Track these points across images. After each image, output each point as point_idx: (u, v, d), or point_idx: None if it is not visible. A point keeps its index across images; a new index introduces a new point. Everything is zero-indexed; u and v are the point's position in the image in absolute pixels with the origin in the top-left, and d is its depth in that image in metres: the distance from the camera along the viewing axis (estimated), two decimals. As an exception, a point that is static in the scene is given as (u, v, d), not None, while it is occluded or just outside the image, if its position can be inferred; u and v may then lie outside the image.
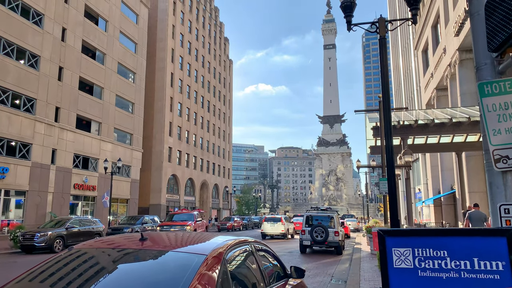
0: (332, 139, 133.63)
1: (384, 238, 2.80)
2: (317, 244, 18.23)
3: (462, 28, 21.96)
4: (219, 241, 3.34)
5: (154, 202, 47.00)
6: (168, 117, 50.12)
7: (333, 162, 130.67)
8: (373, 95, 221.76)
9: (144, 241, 3.23)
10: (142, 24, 44.88)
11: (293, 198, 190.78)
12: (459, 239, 2.67)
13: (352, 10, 7.11)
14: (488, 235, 2.55)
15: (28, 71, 28.83)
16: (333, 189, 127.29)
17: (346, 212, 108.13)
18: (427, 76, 33.39)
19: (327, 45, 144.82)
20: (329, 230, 17.97)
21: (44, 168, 29.86)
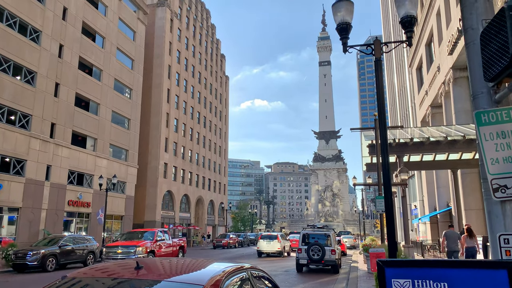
0: (328, 154, 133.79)
1: (384, 269, 2.77)
2: (314, 263, 18.07)
3: (455, 46, 22.26)
4: (216, 269, 3.29)
5: (149, 219, 46.56)
6: (164, 133, 50.08)
7: (329, 178, 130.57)
8: (368, 111, 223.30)
9: (139, 270, 3.17)
10: (139, 40, 45.19)
11: (289, 214, 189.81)
12: (459, 271, 2.64)
13: (347, 32, 7.19)
14: (488, 267, 2.52)
15: (24, 87, 28.81)
16: (329, 205, 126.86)
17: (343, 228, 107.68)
18: (422, 94, 33.69)
19: (322, 62, 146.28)
20: (325, 249, 17.82)
21: (38, 185, 29.59)
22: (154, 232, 21.86)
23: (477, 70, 3.18)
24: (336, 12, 7.24)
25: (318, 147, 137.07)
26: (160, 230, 22.74)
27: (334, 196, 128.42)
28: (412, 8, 7.16)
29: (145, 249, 19.43)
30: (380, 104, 7.47)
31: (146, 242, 20.18)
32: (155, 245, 20.59)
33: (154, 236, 21.13)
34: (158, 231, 22.25)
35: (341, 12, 7.18)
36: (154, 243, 20.57)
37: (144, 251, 19.25)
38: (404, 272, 2.73)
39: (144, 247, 19.48)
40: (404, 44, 8.89)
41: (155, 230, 22.25)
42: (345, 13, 7.16)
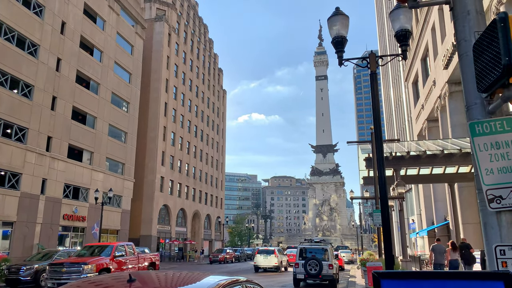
0: (325, 168, 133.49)
1: (380, 280, 2.72)
2: (311, 278, 17.85)
3: (450, 61, 22.48)
4: (211, 282, 3.24)
5: (145, 233, 46.16)
6: (161, 146, 50.01)
7: (327, 192, 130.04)
8: (365, 125, 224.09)
9: (132, 282, 3.12)
10: (137, 54, 45.44)
11: (286, 228, 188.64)
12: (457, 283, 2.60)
13: (343, 46, 7.25)
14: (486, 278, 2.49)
15: (21, 100, 28.81)
16: (326, 219, 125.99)
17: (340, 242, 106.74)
18: (418, 108, 33.88)
19: (319, 76, 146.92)
20: (323, 263, 17.65)
21: (33, 198, 29.35)
22: (112, 246, 18.45)
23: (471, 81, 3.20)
24: (331, 26, 7.32)
25: (316, 161, 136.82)
26: (120, 244, 19.44)
27: (332, 210, 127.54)
28: (407, 22, 7.25)
29: (96, 267, 16.31)
30: (376, 117, 7.50)
31: (99, 259, 17.12)
32: (112, 261, 17.43)
33: (112, 251, 17.85)
34: (118, 245, 18.97)
35: (337, 26, 7.25)
36: (111, 259, 17.43)
37: (94, 269, 16.15)
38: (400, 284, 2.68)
39: (94, 265, 16.35)
40: (400, 58, 9.02)
41: (114, 244, 18.87)
42: (340, 27, 7.23)
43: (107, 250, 18.12)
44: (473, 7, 3.23)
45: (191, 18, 64.58)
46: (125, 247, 19.12)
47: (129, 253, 19.03)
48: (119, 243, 20.24)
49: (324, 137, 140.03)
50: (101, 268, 16.61)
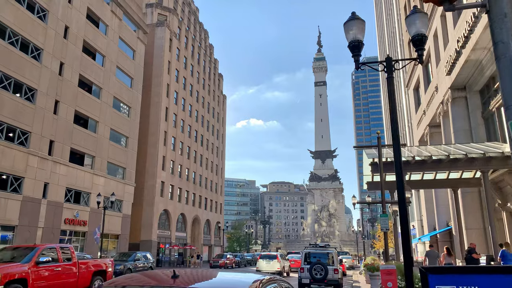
0: (324, 174, 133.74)
1: (427, 275, 2.78)
2: (316, 283, 17.85)
3: (454, 67, 22.61)
4: (253, 278, 3.28)
5: (145, 238, 45.99)
6: (162, 151, 49.99)
7: (326, 197, 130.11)
8: (363, 131, 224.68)
9: (176, 279, 3.15)
10: (139, 59, 45.56)
11: (284, 234, 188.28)
12: (497, 277, 2.66)
13: (360, 50, 7.33)
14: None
15: (24, 104, 28.81)
16: (325, 225, 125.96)
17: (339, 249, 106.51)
18: (420, 114, 34.03)
19: (318, 82, 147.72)
20: (328, 268, 17.67)
21: (35, 202, 29.27)
22: (37, 249, 13.96)
23: (508, 82, 3.26)
24: (348, 30, 7.40)
25: (314, 167, 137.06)
26: (50, 246, 14.96)
27: (331, 216, 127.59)
28: (423, 26, 7.34)
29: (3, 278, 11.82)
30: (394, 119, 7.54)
31: (12, 266, 12.67)
32: (32, 270, 12.95)
33: (34, 256, 13.42)
34: (46, 247, 14.46)
35: (353, 30, 7.34)
36: (32, 267, 13.01)
37: None
38: (448, 278, 2.74)
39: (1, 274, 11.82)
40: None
41: (40, 247, 14.34)
42: (356, 31, 7.31)
43: (30, 254, 13.54)
44: (510, 10, 3.31)
45: (192, 23, 64.85)
46: (58, 250, 14.70)
47: (64, 259, 14.75)
48: (47, 245, 15.41)
49: (323, 142, 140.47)
50: (10, 280, 12.09)
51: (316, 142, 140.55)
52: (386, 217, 14.91)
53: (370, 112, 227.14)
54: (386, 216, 14.92)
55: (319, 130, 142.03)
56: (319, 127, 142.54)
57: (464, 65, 21.00)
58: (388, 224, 14.93)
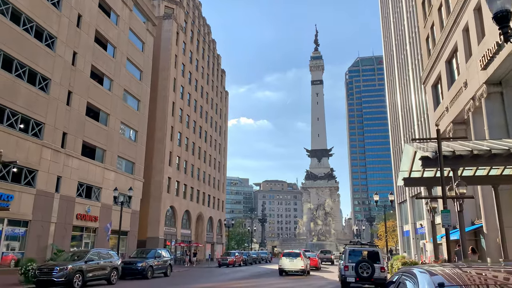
0: (320, 173, 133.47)
1: None
2: (363, 281, 17.15)
3: (491, 62, 22.07)
4: None
5: (152, 235, 44.90)
6: (169, 146, 48.89)
7: (321, 196, 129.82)
8: (356, 130, 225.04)
9: None
10: (148, 52, 44.40)
11: (277, 232, 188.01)
12: None
13: (508, 20, 6.58)
14: None
15: (38, 94, 27.61)
16: (321, 224, 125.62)
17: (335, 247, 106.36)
18: (440, 111, 33.49)
19: (315, 81, 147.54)
20: (375, 266, 16.96)
21: (48, 197, 28.08)
22: None
23: None
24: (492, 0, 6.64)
25: (310, 165, 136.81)
26: None
27: (326, 215, 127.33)
28: (507, 2, 6.62)
29: None
30: None
31: None
32: None
33: None
34: None
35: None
36: None
37: None
38: None
39: None
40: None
41: None
42: (504, 0, 6.56)
43: None
44: None
45: (196, 17, 63.72)
46: None
47: None
48: None
49: (319, 141, 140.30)
50: None
51: (313, 141, 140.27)
52: (448, 213, 14.26)
53: (364, 112, 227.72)
54: (448, 212, 14.27)
55: (316, 129, 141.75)
56: (316, 126, 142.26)
57: (506, 58, 20.46)
58: (450, 220, 14.28)
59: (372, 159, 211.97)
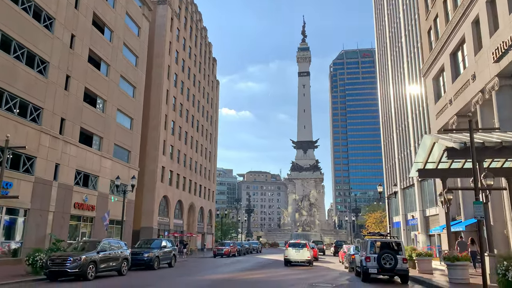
0: (306, 164, 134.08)
1: None
2: (385, 272, 16.99)
3: (506, 54, 22.10)
4: None
5: (145, 225, 44.08)
6: (163, 135, 47.90)
7: (307, 187, 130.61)
8: (339, 123, 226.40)
9: None
10: (143, 37, 43.15)
11: (261, 223, 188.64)
12: None
13: None
14: None
15: (37, 77, 26.39)
16: (306, 215, 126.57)
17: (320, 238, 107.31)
18: (442, 103, 33.65)
19: (302, 72, 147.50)
20: (397, 257, 16.83)
21: (47, 184, 27.01)
22: None
23: None
24: None
25: (296, 157, 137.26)
26: None
27: (311, 206, 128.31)
28: None
29: None
30: None
31: None
32: None
33: None
34: None
35: None
36: None
37: None
38: None
39: None
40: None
41: None
42: None
43: None
44: None
45: (189, 3, 62.31)
46: None
47: None
48: None
49: (305, 133, 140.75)
50: None
51: (299, 133, 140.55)
52: (481, 204, 14.17)
53: (347, 104, 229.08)
54: (480, 204, 14.18)
55: (302, 120, 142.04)
56: (302, 118, 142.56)
57: (523, 51, 20.48)
58: (482, 211, 14.19)
59: (354, 151, 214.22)
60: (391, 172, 62.18)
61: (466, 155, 16.69)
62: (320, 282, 17.28)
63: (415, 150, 50.79)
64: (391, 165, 62.56)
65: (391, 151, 61.56)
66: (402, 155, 56.09)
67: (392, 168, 61.58)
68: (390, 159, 62.95)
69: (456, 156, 16.61)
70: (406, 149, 53.81)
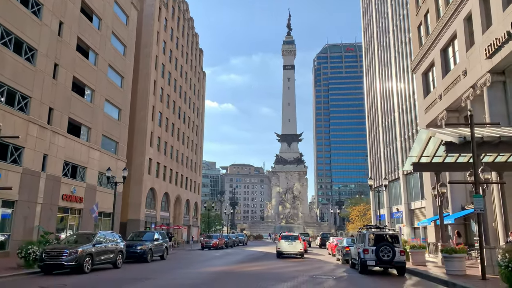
0: (290, 157, 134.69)
1: None
2: (383, 264, 17.19)
3: (498, 51, 22.47)
4: None
5: (132, 217, 43.57)
6: (150, 126, 47.24)
7: (290, 180, 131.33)
8: (322, 117, 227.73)
9: None
10: (132, 26, 42.29)
11: (244, 216, 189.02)
12: None
13: None
14: None
15: (24, 65, 25.58)
16: (289, 207, 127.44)
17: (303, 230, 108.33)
18: (431, 98, 34.11)
19: (287, 65, 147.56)
20: (395, 249, 17.04)
21: (35, 176, 26.33)
22: None
23: None
24: None
25: (280, 150, 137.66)
26: None
27: (295, 199, 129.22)
28: None
29: None
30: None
31: None
32: None
33: None
34: None
35: None
36: None
37: None
38: None
39: None
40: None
41: None
42: None
43: None
44: None
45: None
46: None
47: None
48: None
49: (290, 126, 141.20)
50: None
51: (283, 126, 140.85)
52: (481, 198, 14.43)
53: (330, 98, 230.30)
54: (480, 197, 14.43)
55: (286, 113, 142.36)
56: (286, 111, 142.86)
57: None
58: (482, 205, 14.45)
59: (337, 145, 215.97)
60: (376, 166, 62.98)
61: (464, 149, 16.97)
62: (320, 274, 17.37)
63: (401, 144, 51.55)
64: (376, 158, 63.37)
65: (377, 145, 62.32)
66: (387, 149, 56.85)
67: (377, 162, 62.38)
68: (375, 153, 63.73)
69: (455, 150, 16.87)
70: (392, 143, 54.53)
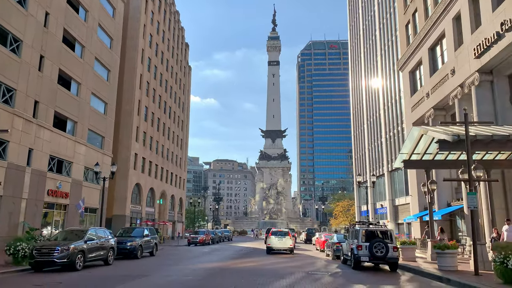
0: (274, 153, 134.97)
1: None
2: (376, 260, 17.38)
3: (487, 50, 22.89)
4: None
5: (118, 213, 42.99)
6: (136, 121, 46.59)
7: (274, 176, 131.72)
8: (306, 113, 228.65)
9: None
10: (118, 18, 41.49)
11: (227, 211, 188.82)
12: None
13: None
14: None
15: (10, 56, 24.83)
16: (273, 203, 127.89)
17: (286, 225, 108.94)
18: (418, 96, 34.57)
19: (272, 61, 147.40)
20: (388, 246, 17.25)
21: (20, 170, 25.64)
22: None
23: None
24: None
25: (265, 146, 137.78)
26: None
27: (278, 194, 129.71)
28: None
29: None
30: None
31: None
32: None
33: None
34: None
35: None
36: None
37: None
38: None
39: None
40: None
41: None
42: None
43: None
44: None
45: (163, -14, 60.46)
46: None
47: None
48: None
49: (274, 122, 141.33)
50: None
51: (268, 122, 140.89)
52: (474, 195, 14.69)
53: (314, 95, 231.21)
54: (474, 194, 14.70)
55: (271, 109, 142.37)
56: (271, 107, 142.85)
57: (506, 48, 21.26)
58: (476, 202, 14.72)
59: (320, 141, 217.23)
60: (360, 162, 63.66)
61: (457, 147, 17.27)
62: (314, 270, 17.47)
63: (386, 141, 52.21)
64: (360, 155, 64.04)
65: (361, 142, 62.96)
66: (372, 146, 57.50)
67: (362, 159, 63.05)
68: (360, 150, 64.39)
69: (447, 148, 17.13)
70: (377, 140, 55.16)
